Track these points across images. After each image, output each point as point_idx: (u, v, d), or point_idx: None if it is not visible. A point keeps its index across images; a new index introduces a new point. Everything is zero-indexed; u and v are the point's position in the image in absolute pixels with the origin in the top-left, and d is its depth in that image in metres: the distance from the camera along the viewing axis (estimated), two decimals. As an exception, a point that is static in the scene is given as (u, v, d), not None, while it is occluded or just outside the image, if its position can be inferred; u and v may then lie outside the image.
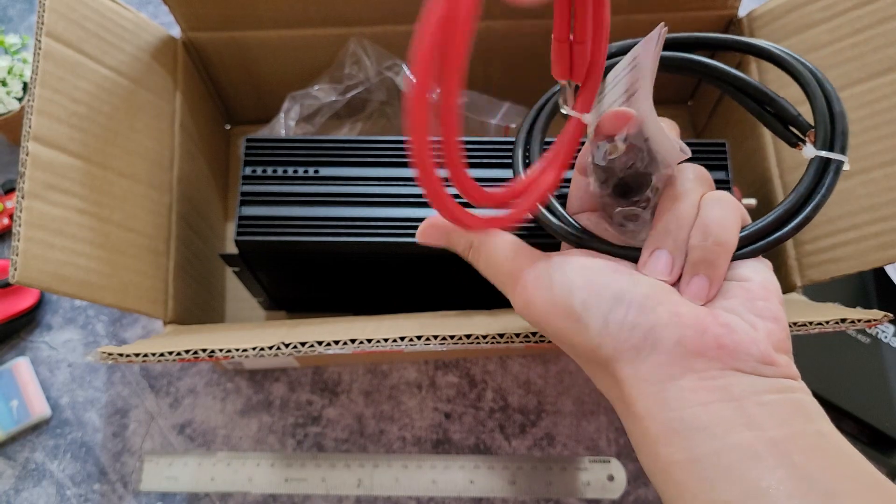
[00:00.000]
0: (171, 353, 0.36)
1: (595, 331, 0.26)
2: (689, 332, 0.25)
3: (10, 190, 0.63)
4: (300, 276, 0.51)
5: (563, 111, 0.30)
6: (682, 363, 0.24)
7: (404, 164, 0.44)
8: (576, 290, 0.26)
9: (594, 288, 0.26)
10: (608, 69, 0.31)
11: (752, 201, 0.48)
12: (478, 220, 0.25)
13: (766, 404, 0.23)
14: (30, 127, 0.39)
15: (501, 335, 0.34)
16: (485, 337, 0.34)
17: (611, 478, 0.53)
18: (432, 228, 0.32)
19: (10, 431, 0.55)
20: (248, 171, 0.45)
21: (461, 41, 0.18)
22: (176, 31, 0.53)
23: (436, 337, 0.34)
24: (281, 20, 0.52)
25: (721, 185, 0.46)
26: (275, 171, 0.45)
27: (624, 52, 0.32)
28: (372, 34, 0.53)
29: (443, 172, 0.21)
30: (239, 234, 0.44)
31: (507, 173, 0.43)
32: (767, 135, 0.51)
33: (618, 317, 0.25)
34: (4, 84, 0.60)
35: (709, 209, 0.27)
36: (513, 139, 0.35)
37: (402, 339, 0.35)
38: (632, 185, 0.28)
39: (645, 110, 0.27)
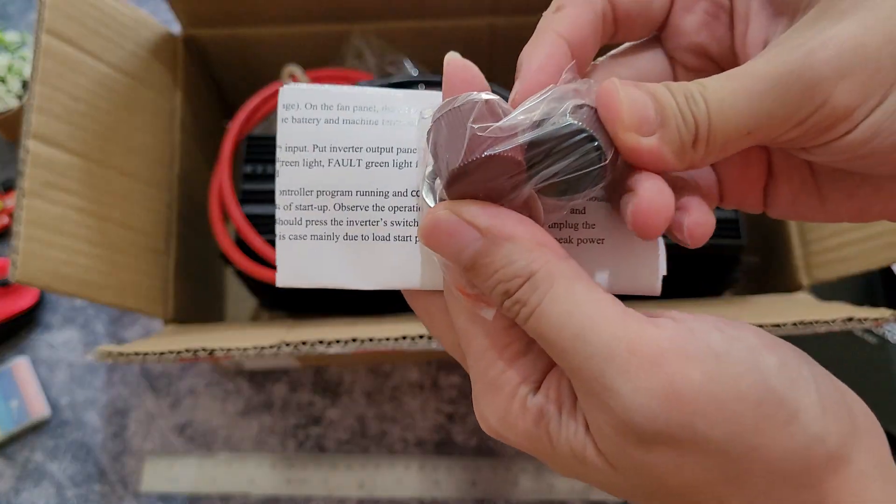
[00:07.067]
0: (171, 352, 0.36)
1: (814, 414, 0.17)
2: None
3: (9, 188, 0.63)
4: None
5: None
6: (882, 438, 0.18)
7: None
8: (766, 354, 0.17)
9: (784, 352, 0.18)
10: None
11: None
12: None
13: None
14: (29, 125, 0.39)
15: None
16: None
17: (615, 479, 0.53)
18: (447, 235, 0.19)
19: (9, 431, 0.55)
20: (248, 168, 0.45)
21: None
22: (176, 28, 0.53)
23: None
24: (281, 16, 0.51)
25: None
26: (276, 169, 0.45)
27: None
28: (373, 30, 0.52)
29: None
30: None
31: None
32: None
33: (827, 389, 0.18)
34: (4, 82, 0.60)
35: None
36: None
37: (405, 337, 0.34)
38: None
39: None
